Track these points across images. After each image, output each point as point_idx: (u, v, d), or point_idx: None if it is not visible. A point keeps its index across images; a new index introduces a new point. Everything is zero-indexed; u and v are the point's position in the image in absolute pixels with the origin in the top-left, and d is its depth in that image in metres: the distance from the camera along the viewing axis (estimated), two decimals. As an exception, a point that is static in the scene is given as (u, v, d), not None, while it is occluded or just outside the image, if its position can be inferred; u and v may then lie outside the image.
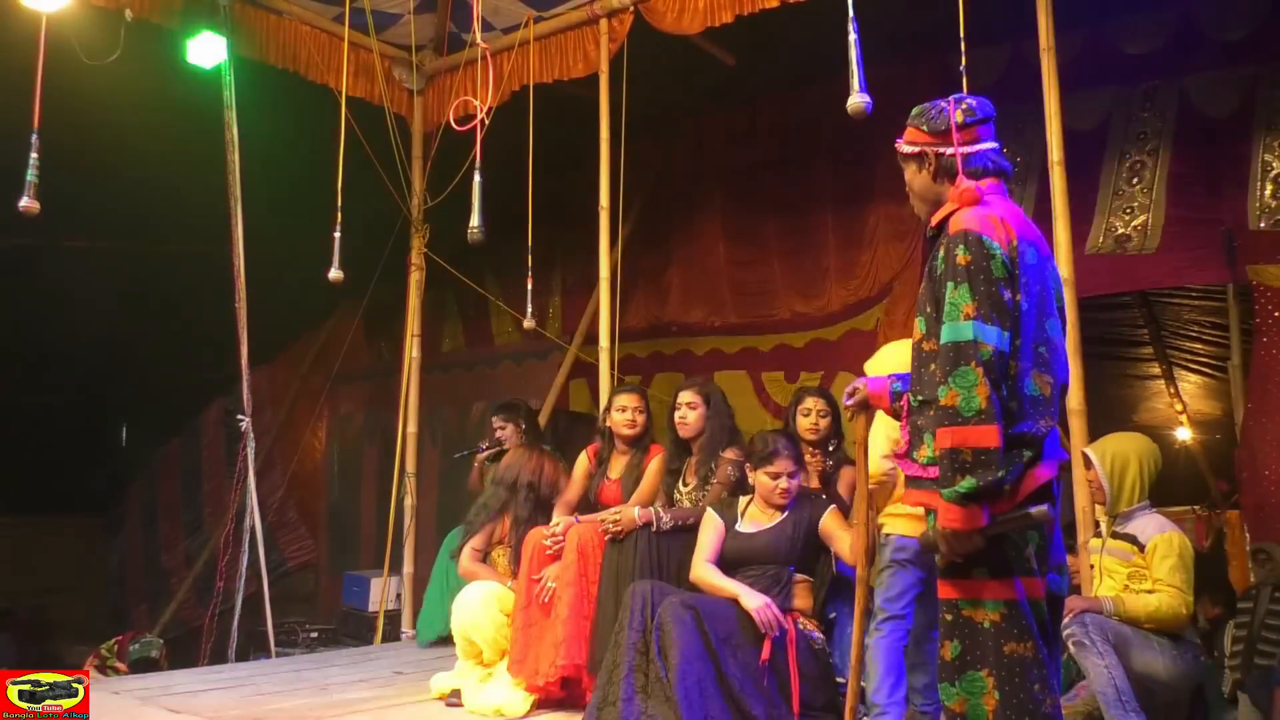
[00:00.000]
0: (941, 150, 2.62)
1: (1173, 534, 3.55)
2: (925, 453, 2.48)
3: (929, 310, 2.50)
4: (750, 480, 3.80)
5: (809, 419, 4.19)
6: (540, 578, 4.04)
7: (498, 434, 5.55)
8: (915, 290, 6.05)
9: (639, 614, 3.56)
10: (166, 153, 6.27)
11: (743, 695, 3.38)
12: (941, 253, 2.48)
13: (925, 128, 2.66)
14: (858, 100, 3.37)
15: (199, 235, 6.53)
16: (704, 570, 3.71)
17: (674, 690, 3.33)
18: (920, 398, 2.50)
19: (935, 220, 2.58)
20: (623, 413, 4.42)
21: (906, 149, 2.71)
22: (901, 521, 3.46)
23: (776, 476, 3.69)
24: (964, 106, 2.62)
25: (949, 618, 2.42)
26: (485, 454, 5.58)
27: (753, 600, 3.52)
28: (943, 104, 2.66)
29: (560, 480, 4.59)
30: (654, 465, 4.32)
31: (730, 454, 4.08)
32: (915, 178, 2.70)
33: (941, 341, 2.37)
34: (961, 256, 2.41)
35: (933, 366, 2.44)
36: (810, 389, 4.55)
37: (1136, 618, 3.44)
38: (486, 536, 4.58)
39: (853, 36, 3.43)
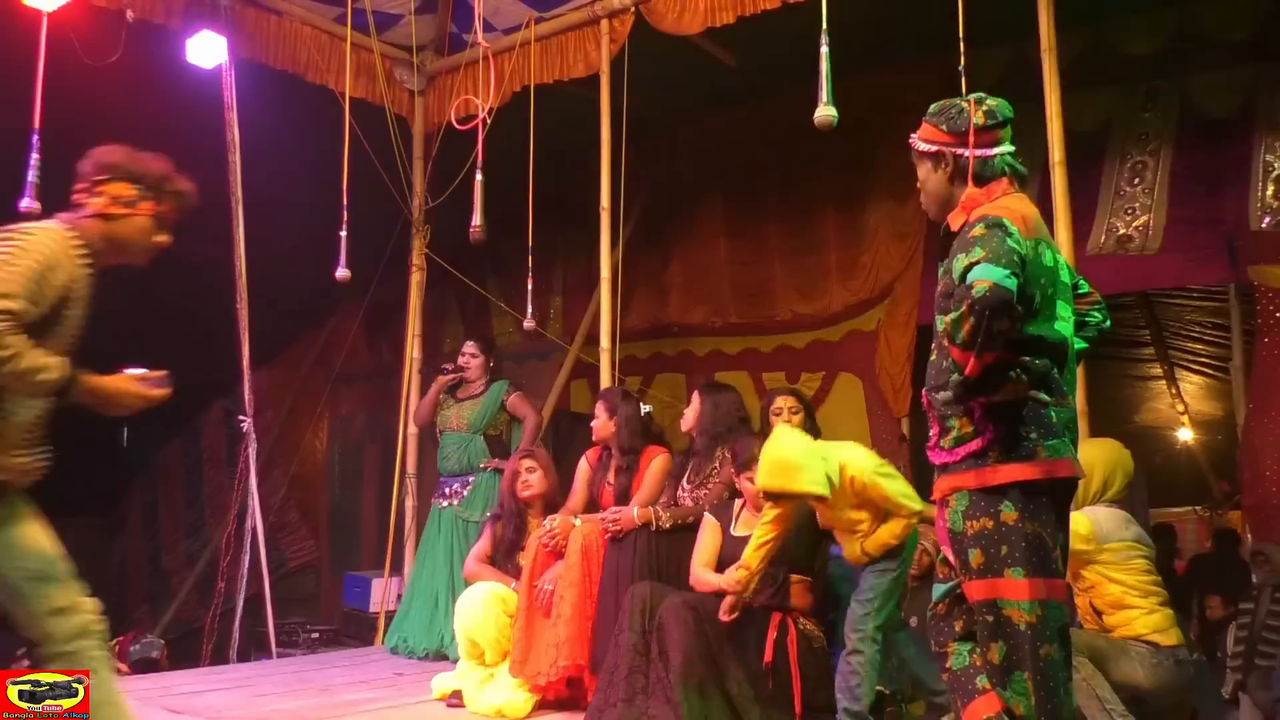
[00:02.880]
0: (959, 152, 2.58)
1: (1080, 515, 3.40)
2: (951, 436, 2.48)
3: (949, 308, 2.45)
4: (738, 485, 3.81)
5: (780, 418, 4.21)
6: (536, 584, 4.05)
7: (463, 359, 5.60)
8: (916, 291, 6.12)
9: (638, 615, 3.57)
10: (167, 153, 6.26)
11: (741, 698, 3.38)
12: (956, 248, 2.46)
13: (944, 127, 2.61)
14: (824, 113, 3.37)
15: (199, 236, 6.52)
16: (699, 574, 3.72)
17: (675, 692, 3.33)
18: (940, 391, 2.50)
19: (956, 225, 2.55)
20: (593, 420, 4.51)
21: (923, 146, 2.66)
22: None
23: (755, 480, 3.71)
24: (985, 108, 2.58)
25: (990, 619, 2.41)
26: (449, 377, 5.63)
27: (725, 579, 3.50)
28: (962, 104, 2.61)
29: (522, 473, 4.59)
30: (655, 466, 4.32)
31: (730, 454, 4.09)
32: (930, 177, 2.66)
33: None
34: (977, 230, 2.39)
35: (950, 359, 2.44)
36: (780, 389, 4.57)
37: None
38: (489, 541, 4.59)
39: (824, 49, 3.43)
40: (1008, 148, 2.61)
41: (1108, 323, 2.77)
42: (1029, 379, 2.39)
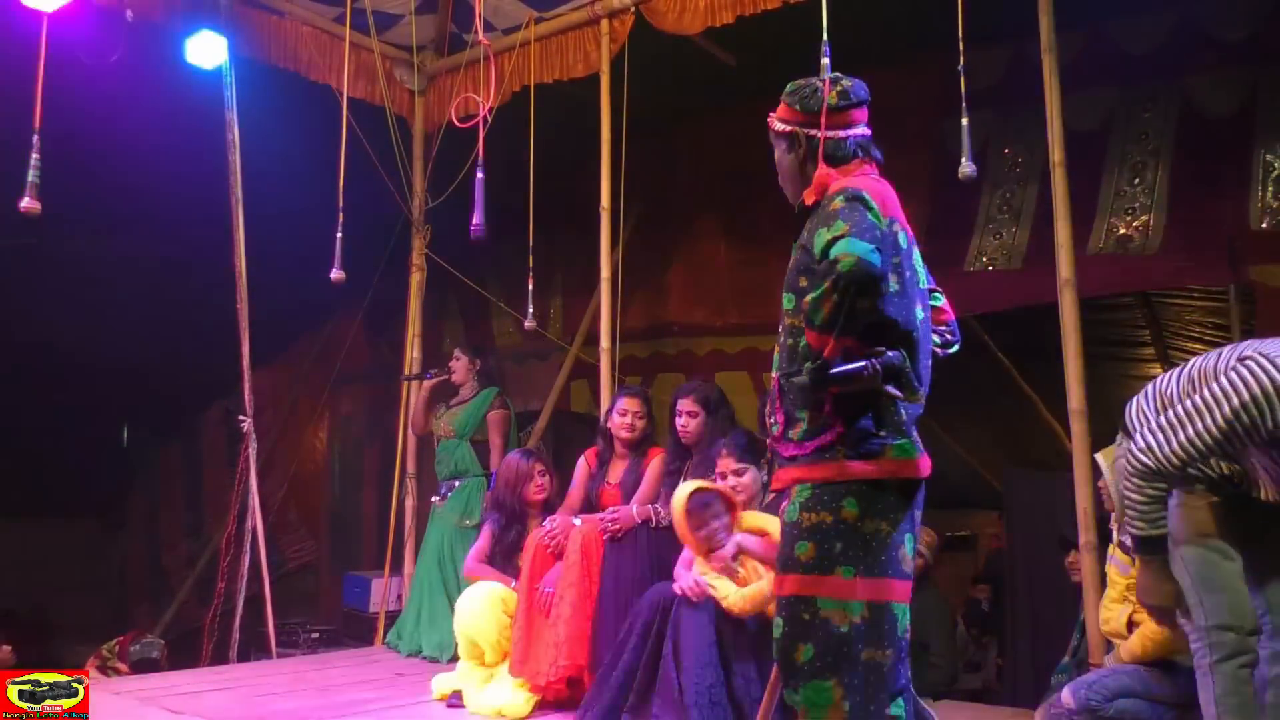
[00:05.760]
0: (811, 132, 2.54)
1: None
2: (800, 429, 2.39)
3: (801, 284, 2.41)
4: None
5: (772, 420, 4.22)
6: (538, 587, 4.05)
7: (450, 364, 5.71)
8: (916, 290, 6.10)
9: (652, 617, 3.57)
10: (167, 153, 6.27)
11: (746, 697, 3.38)
12: (814, 223, 2.39)
13: (798, 107, 2.58)
14: None
15: (200, 236, 6.53)
16: (679, 571, 3.72)
17: (685, 696, 3.34)
18: (795, 378, 2.39)
19: (810, 201, 2.49)
20: (623, 416, 4.42)
21: (778, 126, 2.63)
22: None
23: (723, 477, 3.72)
24: (839, 88, 2.55)
25: (805, 616, 2.29)
26: (432, 380, 5.67)
27: (683, 580, 3.54)
28: (817, 83, 2.58)
29: (535, 476, 4.58)
30: (654, 467, 4.33)
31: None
32: (784, 158, 2.63)
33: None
34: (836, 204, 2.32)
35: (804, 342, 2.36)
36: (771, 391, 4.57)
37: (1137, 659, 3.35)
38: (488, 541, 4.59)
39: (825, 60, 3.44)
40: (862, 130, 2.57)
41: (954, 348, 2.70)
42: (881, 370, 2.29)
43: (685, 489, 3.60)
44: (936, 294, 2.70)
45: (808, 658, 2.27)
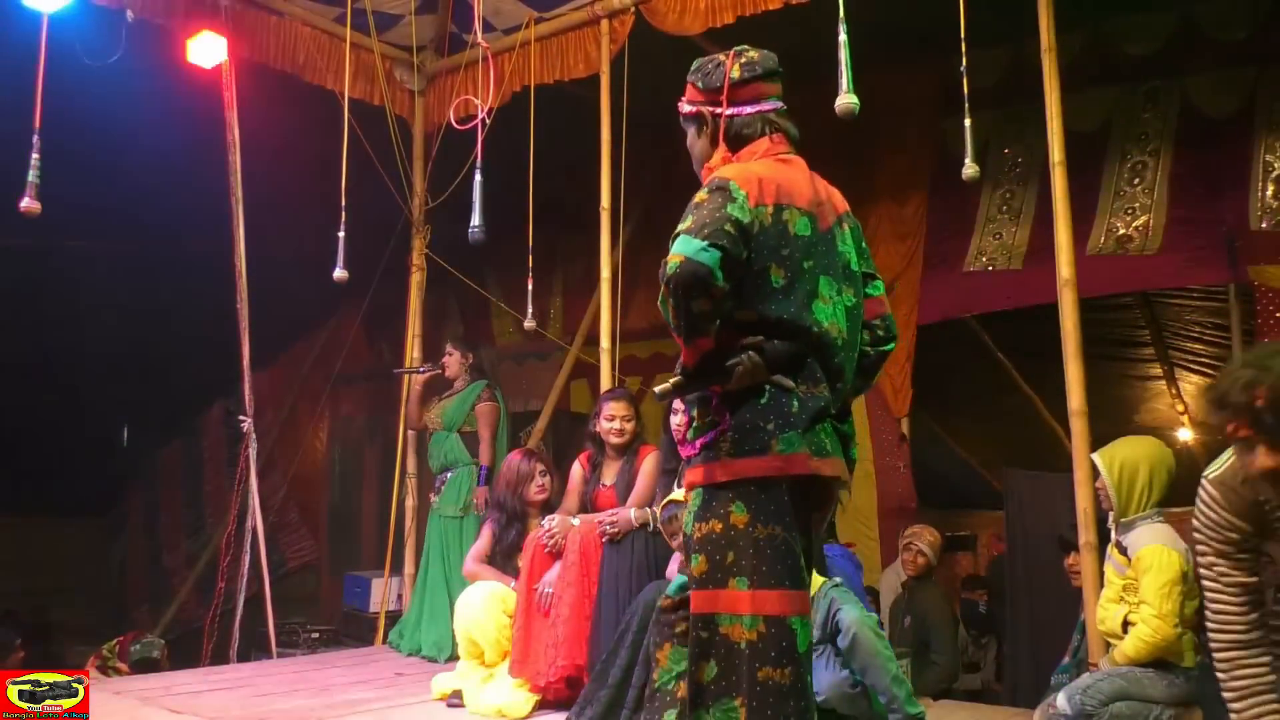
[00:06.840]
0: (716, 110, 2.39)
1: (1162, 547, 3.31)
2: (694, 427, 2.28)
3: None
4: None
5: None
6: (537, 587, 4.05)
7: (444, 359, 5.73)
8: (916, 290, 6.11)
9: (647, 615, 3.57)
10: (167, 153, 6.27)
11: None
12: None
13: (700, 85, 2.43)
14: (846, 100, 3.35)
15: (200, 236, 6.53)
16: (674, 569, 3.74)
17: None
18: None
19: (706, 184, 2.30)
20: (611, 421, 4.41)
21: (685, 109, 2.48)
22: None
23: None
24: (742, 60, 2.40)
25: (704, 634, 2.11)
26: (425, 375, 5.75)
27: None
28: (721, 58, 2.43)
29: (536, 476, 4.59)
30: (647, 466, 4.32)
31: None
32: (695, 142, 2.47)
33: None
34: (699, 196, 2.20)
35: None
36: None
37: (1132, 662, 3.32)
38: (488, 541, 4.59)
39: (842, 38, 3.43)
40: (773, 104, 2.40)
41: (889, 345, 2.48)
42: (766, 362, 2.14)
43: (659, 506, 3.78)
44: (877, 282, 2.52)
45: (711, 676, 2.10)
